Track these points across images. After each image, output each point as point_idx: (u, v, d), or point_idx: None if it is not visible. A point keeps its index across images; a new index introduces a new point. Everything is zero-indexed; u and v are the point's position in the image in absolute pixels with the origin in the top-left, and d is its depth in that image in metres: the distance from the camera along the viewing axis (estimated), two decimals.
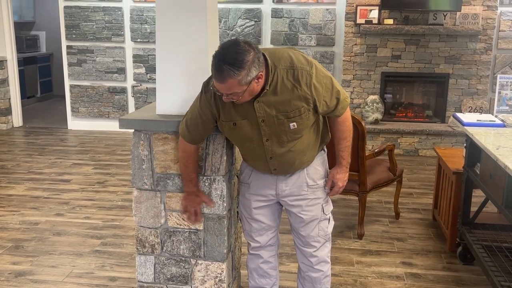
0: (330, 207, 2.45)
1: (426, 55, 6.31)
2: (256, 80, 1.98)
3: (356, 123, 3.41)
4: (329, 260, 2.49)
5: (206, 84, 2.19)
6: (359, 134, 3.46)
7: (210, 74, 2.53)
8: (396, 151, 5.17)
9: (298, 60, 2.06)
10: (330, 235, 2.47)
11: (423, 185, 5.07)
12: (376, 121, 6.23)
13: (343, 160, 2.36)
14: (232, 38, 6.70)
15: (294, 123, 2.10)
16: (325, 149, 2.45)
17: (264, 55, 2.02)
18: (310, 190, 2.35)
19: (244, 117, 2.12)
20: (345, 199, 4.52)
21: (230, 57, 1.90)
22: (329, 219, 2.45)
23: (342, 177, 2.38)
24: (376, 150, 3.78)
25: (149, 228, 2.58)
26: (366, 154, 3.59)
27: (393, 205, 4.19)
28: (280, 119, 2.09)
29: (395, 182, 4.07)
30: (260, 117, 2.09)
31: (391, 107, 6.64)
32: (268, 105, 2.07)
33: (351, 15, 6.34)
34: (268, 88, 2.05)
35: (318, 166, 2.37)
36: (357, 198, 3.79)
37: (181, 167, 2.38)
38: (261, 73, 1.98)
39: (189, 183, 2.39)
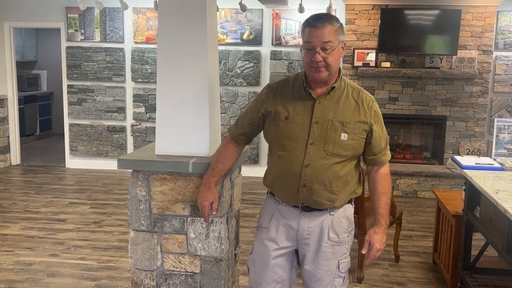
0: (347, 265, 2.26)
1: (423, 97, 6.38)
2: (342, 48, 2.07)
3: None
4: None
5: (271, 84, 2.29)
6: None
7: (209, 116, 2.55)
8: (394, 192, 5.15)
9: (365, 91, 2.18)
10: None
11: (422, 227, 5.02)
12: None
13: (382, 219, 2.18)
14: (233, 78, 6.79)
15: (346, 135, 2.06)
16: (353, 204, 2.28)
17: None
18: (329, 243, 2.18)
19: (299, 114, 2.10)
20: None
21: (327, 14, 2.08)
22: (344, 278, 2.27)
23: (380, 238, 2.17)
24: None
25: (144, 270, 2.53)
26: (365, 196, 3.57)
27: (393, 248, 4.14)
28: (335, 124, 2.07)
29: (395, 225, 4.04)
30: (315, 118, 2.08)
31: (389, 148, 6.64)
32: (328, 108, 2.08)
33: (348, 58, 6.44)
34: (335, 86, 2.10)
35: (343, 218, 2.20)
36: (356, 240, 3.74)
37: (213, 156, 2.36)
38: (344, 43, 2.08)
39: (210, 171, 2.31)
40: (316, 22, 2.00)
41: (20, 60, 9.13)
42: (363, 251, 2.19)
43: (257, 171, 6.89)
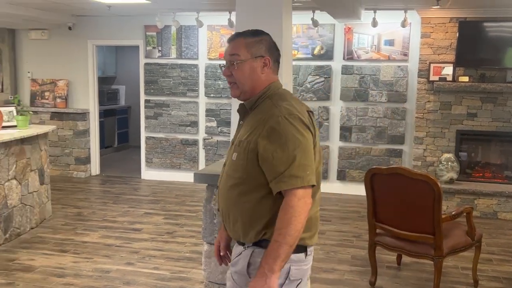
0: None
1: (504, 113, 6.06)
2: (262, 65, 1.85)
3: (432, 184, 3.30)
4: None
5: None
6: (435, 195, 3.32)
7: None
8: (473, 213, 4.91)
9: (285, 107, 1.79)
10: None
11: (503, 251, 4.74)
12: (451, 181, 5.97)
13: (263, 260, 1.70)
14: (302, 93, 6.79)
15: (236, 154, 1.82)
16: (292, 259, 1.77)
17: (272, 86, 1.88)
18: (236, 276, 1.88)
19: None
20: (418, 262, 4.30)
21: (249, 29, 1.92)
22: None
23: (253, 284, 1.70)
24: (453, 213, 3.61)
25: (217, 283, 2.57)
26: (443, 217, 3.43)
27: (471, 272, 3.93)
28: (235, 144, 1.87)
29: (473, 247, 3.84)
30: (236, 139, 1.90)
31: (466, 166, 6.37)
32: (245, 128, 1.86)
33: (424, 72, 6.26)
34: (244, 103, 1.90)
35: (244, 260, 1.84)
36: (432, 262, 3.60)
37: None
38: (267, 59, 1.86)
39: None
40: (231, 36, 1.90)
41: (101, 76, 9.64)
42: None
43: (326, 187, 6.83)
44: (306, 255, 1.83)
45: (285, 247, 1.66)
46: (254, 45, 1.84)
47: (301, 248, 1.79)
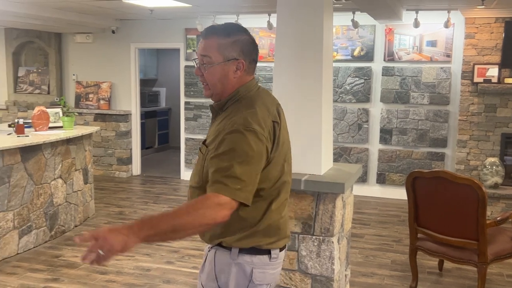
0: None
1: None
2: (235, 68, 1.74)
3: (476, 188, 3.22)
4: None
5: None
6: (479, 200, 3.24)
7: (322, 135, 2.55)
8: None
9: (246, 115, 1.69)
10: None
11: None
12: (495, 185, 5.80)
13: (141, 220, 1.53)
14: (339, 92, 6.73)
15: (198, 158, 1.80)
16: (254, 261, 1.76)
17: (242, 89, 1.77)
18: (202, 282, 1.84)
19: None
20: (460, 268, 4.19)
21: (225, 25, 1.79)
22: None
23: (108, 232, 1.46)
24: (498, 218, 3.50)
25: None
26: (487, 222, 3.34)
27: None
28: (200, 146, 1.83)
29: None
30: (203, 141, 1.84)
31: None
32: (213, 128, 1.80)
33: (467, 74, 6.11)
34: (212, 105, 1.84)
35: (209, 263, 1.81)
36: (475, 269, 3.50)
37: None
38: (241, 61, 1.74)
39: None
40: (204, 32, 1.76)
41: (142, 78, 9.84)
42: (76, 240, 1.48)
43: (365, 190, 6.75)
44: (270, 257, 1.78)
45: (168, 227, 1.51)
46: (228, 47, 1.72)
47: (263, 251, 1.77)
